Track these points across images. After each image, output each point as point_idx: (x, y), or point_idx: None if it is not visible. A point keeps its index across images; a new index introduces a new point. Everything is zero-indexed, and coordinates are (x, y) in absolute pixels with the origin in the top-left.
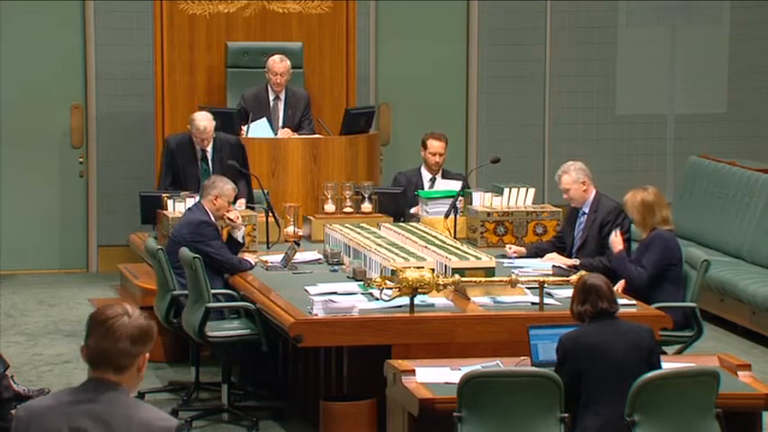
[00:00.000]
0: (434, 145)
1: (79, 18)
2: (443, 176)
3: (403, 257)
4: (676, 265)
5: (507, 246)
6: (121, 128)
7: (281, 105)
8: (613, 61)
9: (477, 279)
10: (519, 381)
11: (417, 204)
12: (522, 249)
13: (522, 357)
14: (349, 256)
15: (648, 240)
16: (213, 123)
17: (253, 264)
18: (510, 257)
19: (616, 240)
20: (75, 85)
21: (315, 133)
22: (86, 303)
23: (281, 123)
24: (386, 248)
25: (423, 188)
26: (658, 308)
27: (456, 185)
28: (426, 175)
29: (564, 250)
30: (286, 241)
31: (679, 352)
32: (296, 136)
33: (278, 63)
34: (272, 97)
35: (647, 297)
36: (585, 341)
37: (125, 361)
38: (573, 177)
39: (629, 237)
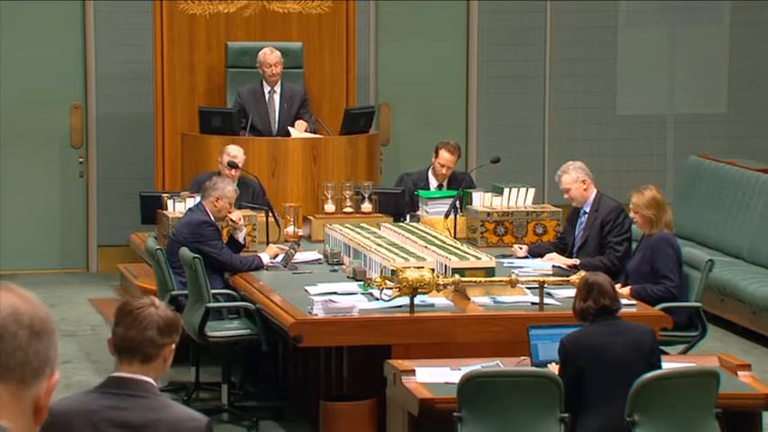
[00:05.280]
0: (444, 157)
1: (79, 18)
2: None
3: (403, 257)
4: (680, 266)
5: (516, 245)
6: (121, 128)
7: (276, 98)
8: (613, 61)
9: (477, 279)
10: (519, 381)
11: (418, 206)
12: (526, 248)
13: (522, 357)
14: (349, 256)
15: (653, 245)
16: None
17: (257, 261)
18: (518, 257)
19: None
20: (76, 85)
21: (315, 129)
22: (86, 303)
23: (277, 117)
24: (386, 248)
25: None
26: (663, 308)
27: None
28: (433, 182)
29: (565, 251)
30: (286, 241)
31: (683, 352)
32: (305, 132)
33: (269, 55)
34: (267, 90)
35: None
36: (586, 342)
37: (152, 351)
38: (573, 177)
39: (629, 236)
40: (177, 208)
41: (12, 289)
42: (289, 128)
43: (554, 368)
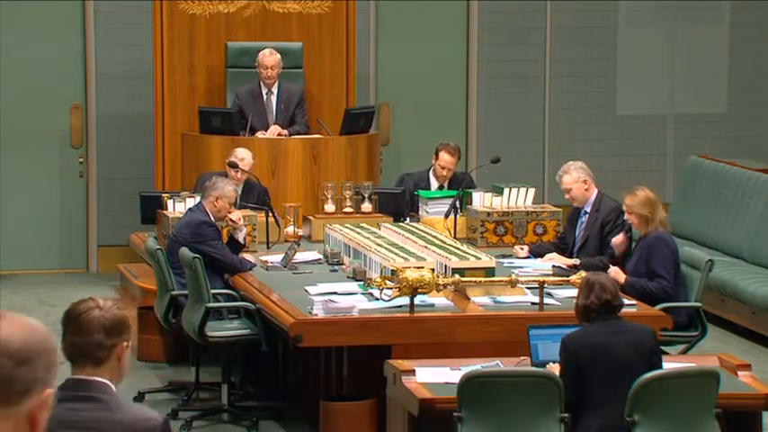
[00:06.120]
0: (444, 158)
1: (79, 18)
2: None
3: (403, 257)
4: (678, 265)
5: (518, 246)
6: (121, 128)
7: (273, 99)
8: (613, 61)
9: (477, 279)
10: (519, 381)
11: (419, 208)
12: (527, 248)
13: (522, 357)
14: (349, 256)
15: (650, 244)
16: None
17: (254, 263)
18: (520, 257)
19: (618, 242)
20: (76, 85)
21: (308, 127)
22: None
23: (274, 117)
24: (386, 248)
25: None
26: (663, 308)
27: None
28: (434, 183)
29: (565, 251)
30: (286, 241)
31: (683, 352)
32: (285, 133)
33: (267, 57)
34: (264, 91)
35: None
36: (587, 341)
37: (102, 353)
38: (574, 177)
39: (630, 236)
40: (177, 208)
41: (5, 316)
42: (258, 134)
43: (552, 368)
